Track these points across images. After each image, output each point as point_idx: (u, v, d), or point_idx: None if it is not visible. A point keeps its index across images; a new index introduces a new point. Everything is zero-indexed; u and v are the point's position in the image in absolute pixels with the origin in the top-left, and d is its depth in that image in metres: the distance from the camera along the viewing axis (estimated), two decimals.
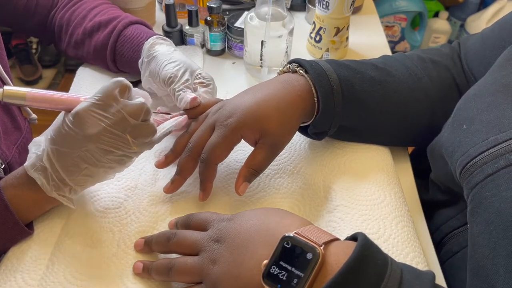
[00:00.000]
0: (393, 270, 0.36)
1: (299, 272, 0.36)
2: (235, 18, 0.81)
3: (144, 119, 0.48)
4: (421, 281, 0.36)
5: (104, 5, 0.74)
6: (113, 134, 0.46)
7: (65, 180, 0.47)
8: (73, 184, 0.47)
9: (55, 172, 0.46)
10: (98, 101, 0.45)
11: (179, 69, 0.58)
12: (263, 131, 0.51)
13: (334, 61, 0.57)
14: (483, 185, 0.42)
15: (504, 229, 0.38)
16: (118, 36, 0.68)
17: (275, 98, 0.52)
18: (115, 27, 0.68)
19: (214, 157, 0.51)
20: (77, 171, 0.46)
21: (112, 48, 0.69)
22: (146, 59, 0.63)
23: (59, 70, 2.05)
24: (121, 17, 0.70)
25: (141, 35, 0.67)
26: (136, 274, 0.47)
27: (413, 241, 0.50)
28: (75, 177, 0.47)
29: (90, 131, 0.45)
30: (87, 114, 0.45)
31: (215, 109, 0.53)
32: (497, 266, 0.39)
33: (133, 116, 0.46)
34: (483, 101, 0.47)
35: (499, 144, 0.42)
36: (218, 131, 0.51)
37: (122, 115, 0.46)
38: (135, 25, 0.69)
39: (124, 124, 0.46)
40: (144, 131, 0.48)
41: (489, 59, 0.56)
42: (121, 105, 0.46)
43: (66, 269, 0.47)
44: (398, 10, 1.90)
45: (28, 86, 1.93)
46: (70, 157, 0.46)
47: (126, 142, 0.47)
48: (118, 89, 0.46)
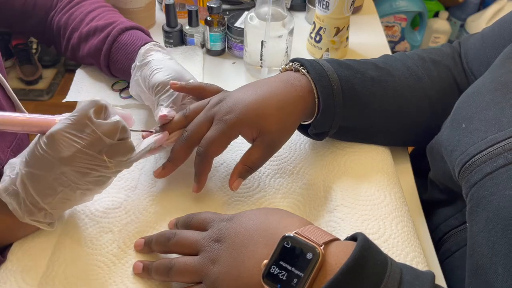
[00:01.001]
0: (393, 271, 0.36)
1: (299, 272, 0.36)
2: (235, 18, 0.81)
3: (121, 138, 0.46)
4: (420, 282, 0.36)
5: (102, 8, 0.73)
6: (88, 155, 0.44)
7: (39, 204, 0.45)
8: (48, 208, 0.45)
9: (29, 197, 0.44)
10: (72, 122, 0.43)
11: (169, 79, 0.57)
12: (261, 129, 0.51)
13: (335, 61, 0.57)
14: (482, 184, 0.42)
15: (503, 228, 0.38)
16: (112, 43, 0.67)
17: (276, 97, 0.52)
18: (110, 33, 0.67)
19: (211, 152, 0.51)
20: (52, 194, 0.45)
21: (106, 55, 0.68)
22: (139, 63, 0.61)
23: (59, 70, 2.05)
24: (117, 23, 0.69)
25: (136, 42, 0.65)
26: (136, 274, 0.47)
27: (413, 241, 0.50)
28: (50, 201, 0.45)
29: (64, 153, 0.43)
30: (60, 136, 0.43)
31: (215, 101, 0.53)
32: (496, 265, 0.39)
33: (109, 136, 0.44)
34: (482, 99, 0.47)
35: (498, 142, 0.42)
36: (217, 126, 0.51)
37: (97, 135, 0.44)
38: (131, 31, 0.68)
39: (100, 144, 0.44)
40: (121, 150, 0.46)
41: (489, 58, 0.56)
42: (95, 124, 0.44)
43: (66, 269, 0.47)
44: (398, 10, 1.90)
45: (29, 86, 1.93)
46: (45, 180, 0.44)
47: (102, 162, 0.44)
48: (93, 109, 0.44)
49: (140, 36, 0.67)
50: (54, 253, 0.49)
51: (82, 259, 0.48)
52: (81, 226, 0.52)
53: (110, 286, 0.46)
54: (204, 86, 0.58)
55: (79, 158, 0.43)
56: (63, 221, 0.52)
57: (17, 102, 0.62)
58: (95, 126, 0.44)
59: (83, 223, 0.52)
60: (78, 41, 0.70)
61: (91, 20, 0.70)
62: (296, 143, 0.62)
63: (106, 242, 0.50)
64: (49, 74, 2.01)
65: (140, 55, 0.62)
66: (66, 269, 0.47)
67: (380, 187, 0.55)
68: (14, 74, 1.96)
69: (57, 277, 0.47)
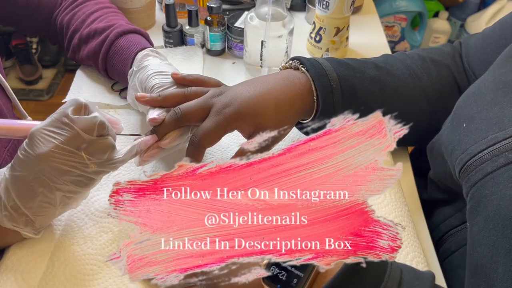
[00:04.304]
0: (393, 271, 0.36)
1: (299, 272, 0.36)
2: (235, 18, 0.81)
3: (99, 134, 0.45)
4: (420, 282, 0.36)
5: (105, 9, 0.73)
6: (65, 151, 0.43)
7: (20, 209, 0.44)
8: (30, 214, 0.45)
9: (10, 201, 0.44)
10: (51, 120, 0.44)
11: (166, 83, 0.57)
12: (258, 125, 0.51)
13: (334, 60, 0.57)
14: (483, 184, 0.42)
15: (503, 227, 0.38)
16: (109, 47, 0.66)
17: (275, 94, 0.52)
18: (107, 37, 0.66)
19: (205, 142, 0.51)
20: (32, 196, 0.44)
21: (104, 58, 0.67)
22: (136, 69, 0.60)
23: (59, 70, 2.05)
24: (115, 26, 0.68)
25: (132, 48, 0.64)
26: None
27: (413, 241, 0.50)
28: (31, 205, 0.44)
29: (42, 149, 0.43)
30: (39, 133, 0.43)
31: (215, 93, 0.53)
32: (496, 264, 0.39)
33: (87, 131, 0.44)
34: (482, 99, 0.47)
35: (499, 142, 0.42)
36: (214, 117, 0.51)
37: (74, 131, 0.43)
38: (129, 35, 0.67)
39: (78, 140, 0.43)
40: (100, 146, 0.45)
41: (490, 58, 0.56)
42: (73, 120, 0.44)
43: (66, 269, 0.47)
44: (398, 10, 1.90)
45: (29, 86, 1.93)
46: (24, 181, 0.43)
47: (81, 159, 0.44)
48: (73, 107, 0.44)
49: (137, 41, 0.66)
50: (54, 253, 0.49)
51: (82, 259, 0.48)
52: (81, 226, 0.52)
53: (110, 286, 0.46)
54: (204, 78, 0.58)
55: (56, 154, 0.43)
56: (63, 221, 0.52)
57: (16, 101, 0.62)
58: (72, 122, 0.44)
59: (83, 223, 0.52)
60: (79, 43, 0.70)
61: (92, 21, 0.70)
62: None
63: (106, 242, 0.50)
64: (49, 74, 2.01)
65: (137, 60, 0.62)
66: (66, 269, 0.47)
67: None
68: (14, 74, 1.96)
69: (57, 277, 0.47)
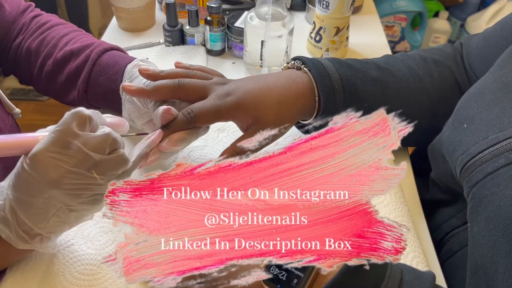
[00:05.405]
0: (393, 271, 0.36)
1: (299, 272, 0.36)
2: (235, 18, 0.81)
3: (112, 150, 0.41)
4: (421, 282, 0.36)
5: (75, 32, 0.67)
6: (77, 175, 0.39)
7: (33, 230, 0.41)
8: (44, 232, 0.42)
9: (20, 224, 0.41)
10: (54, 140, 0.39)
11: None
12: (257, 118, 0.50)
13: (336, 60, 0.57)
14: (483, 184, 0.42)
15: (504, 227, 0.38)
16: (93, 65, 0.61)
17: (277, 90, 0.52)
18: (89, 56, 0.61)
19: (199, 119, 0.49)
20: (44, 219, 0.41)
21: (86, 79, 0.61)
22: (129, 80, 0.57)
23: None
24: (94, 45, 0.63)
25: (120, 62, 0.60)
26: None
27: (413, 241, 0.50)
28: (44, 225, 0.41)
29: (51, 176, 0.39)
30: (44, 157, 0.39)
31: (218, 81, 0.53)
32: (496, 265, 0.39)
33: (98, 151, 0.40)
34: (483, 99, 0.47)
35: (499, 142, 0.42)
36: (214, 100, 0.50)
37: (84, 153, 0.39)
38: (110, 52, 0.62)
39: (89, 162, 0.39)
40: (113, 163, 0.41)
41: (491, 58, 0.56)
42: (81, 140, 0.39)
43: (66, 269, 0.47)
44: (398, 10, 1.90)
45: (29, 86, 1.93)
46: (34, 205, 0.40)
47: (93, 180, 0.40)
48: (75, 122, 0.40)
49: (122, 55, 0.62)
50: (54, 253, 0.49)
51: (82, 259, 0.48)
52: (81, 226, 0.52)
53: (109, 286, 0.46)
54: (208, 69, 0.57)
55: (67, 179, 0.39)
56: None
57: (1, 94, 0.58)
58: (81, 142, 0.39)
59: (83, 223, 0.52)
60: (53, 68, 0.63)
61: (65, 44, 0.64)
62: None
63: (106, 242, 0.50)
64: None
65: (127, 72, 0.58)
66: (66, 269, 0.47)
67: None
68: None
69: (57, 277, 0.47)
